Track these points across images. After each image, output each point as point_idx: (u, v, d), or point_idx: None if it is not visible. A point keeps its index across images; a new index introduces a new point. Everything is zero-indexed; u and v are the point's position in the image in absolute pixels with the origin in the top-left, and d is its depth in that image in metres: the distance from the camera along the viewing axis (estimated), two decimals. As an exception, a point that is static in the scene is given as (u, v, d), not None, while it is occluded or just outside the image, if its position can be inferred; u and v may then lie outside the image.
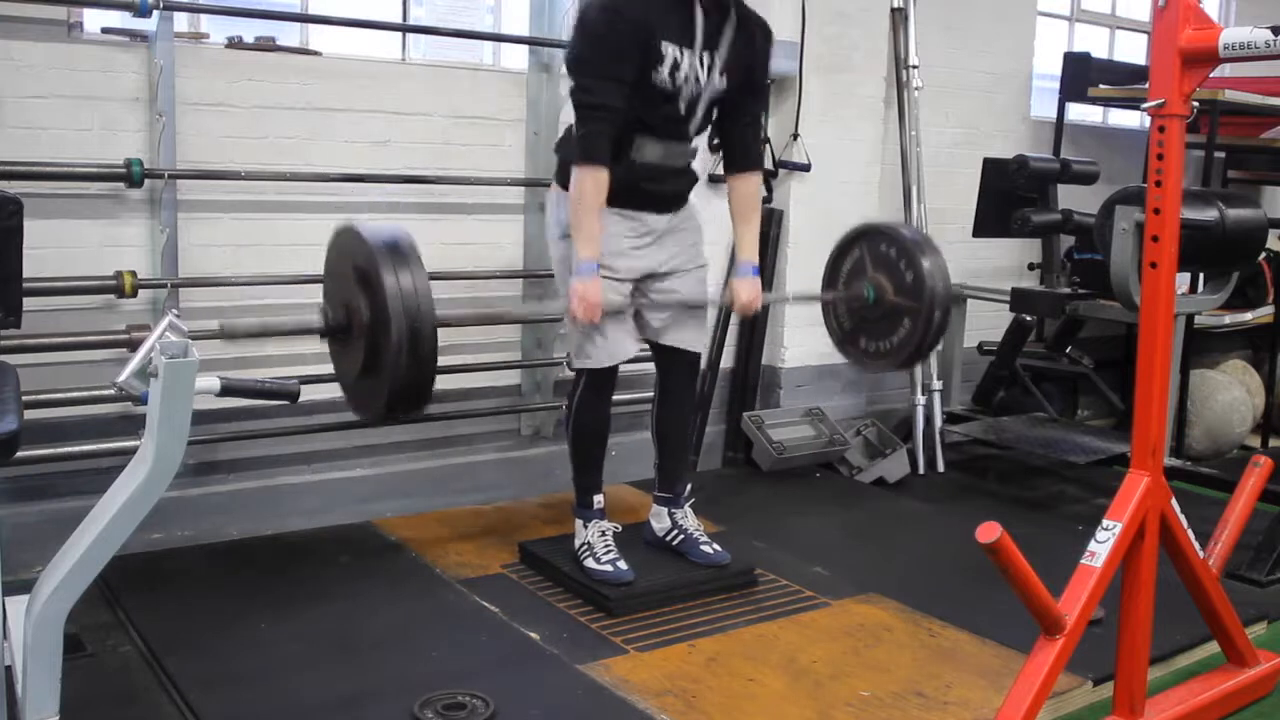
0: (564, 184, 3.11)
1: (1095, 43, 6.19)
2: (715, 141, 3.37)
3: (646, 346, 3.33)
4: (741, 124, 3.24)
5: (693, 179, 3.29)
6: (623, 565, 3.19)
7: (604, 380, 3.26)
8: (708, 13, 3.02)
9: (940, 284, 3.27)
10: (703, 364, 4.54)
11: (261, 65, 3.63)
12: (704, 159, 4.50)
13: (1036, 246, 4.80)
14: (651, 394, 3.45)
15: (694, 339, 3.33)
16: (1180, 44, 2.29)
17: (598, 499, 3.32)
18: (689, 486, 3.49)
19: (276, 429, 3.71)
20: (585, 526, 3.30)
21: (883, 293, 3.37)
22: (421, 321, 2.53)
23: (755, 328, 4.68)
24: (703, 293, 3.33)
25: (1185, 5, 2.29)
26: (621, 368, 3.31)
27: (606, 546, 3.23)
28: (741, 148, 3.26)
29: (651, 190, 3.14)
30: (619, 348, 3.18)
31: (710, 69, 3.06)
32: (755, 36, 3.16)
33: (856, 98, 4.80)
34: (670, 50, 2.98)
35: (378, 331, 2.55)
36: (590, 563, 3.21)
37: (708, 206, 3.75)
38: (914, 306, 3.30)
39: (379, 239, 2.60)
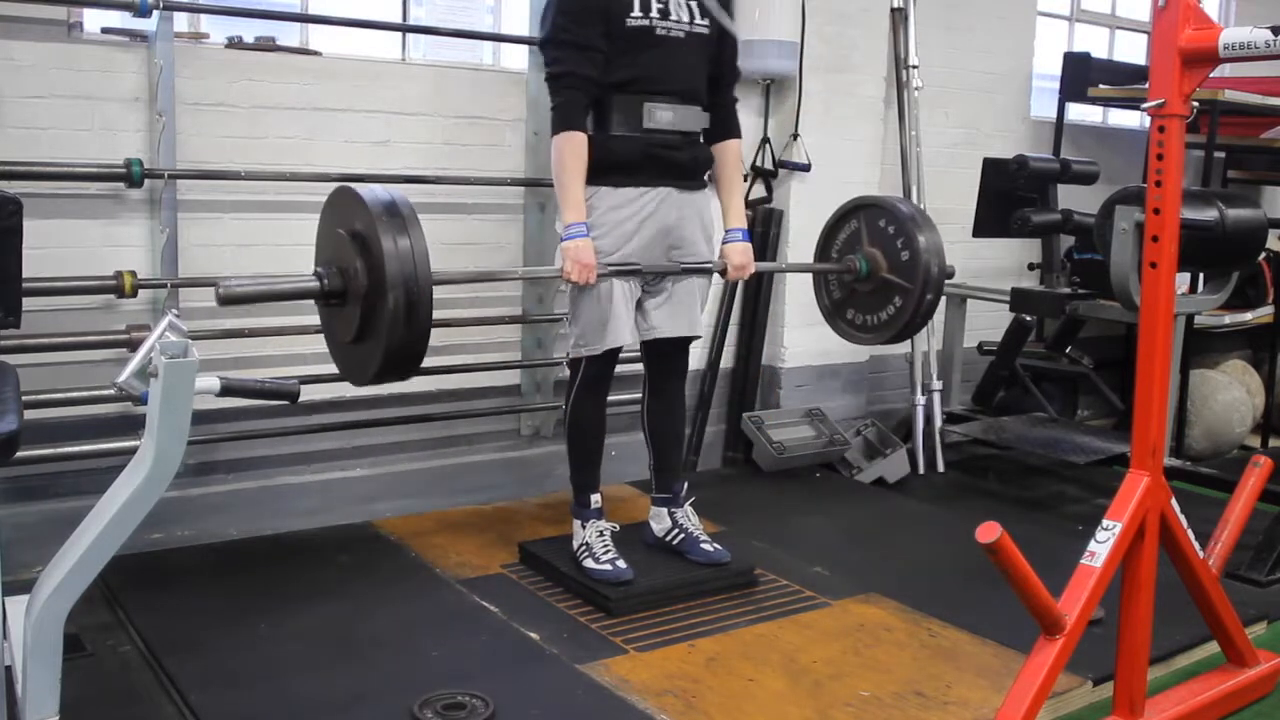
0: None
1: (1095, 43, 6.19)
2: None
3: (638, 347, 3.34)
4: (719, 94, 3.29)
5: (708, 154, 3.30)
6: (622, 565, 3.18)
7: (601, 373, 3.25)
8: None
9: (935, 265, 3.38)
10: (702, 363, 4.57)
11: (261, 65, 3.63)
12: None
13: (1036, 246, 4.80)
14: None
15: (690, 325, 3.32)
16: (1180, 44, 2.29)
17: (595, 498, 3.32)
18: (686, 485, 3.49)
19: (276, 429, 3.71)
20: (583, 527, 3.29)
21: (876, 267, 3.47)
22: (419, 287, 2.53)
23: (755, 328, 4.68)
24: (704, 284, 3.35)
25: (1185, 5, 2.29)
26: (619, 368, 3.32)
27: (605, 546, 3.23)
28: (719, 118, 3.29)
29: (668, 158, 3.16)
30: (619, 333, 3.16)
31: (691, 12, 3.13)
32: None
33: (856, 98, 4.80)
34: None
35: (374, 297, 2.56)
36: (589, 563, 3.21)
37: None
38: (906, 286, 3.40)
39: (377, 202, 2.59)
